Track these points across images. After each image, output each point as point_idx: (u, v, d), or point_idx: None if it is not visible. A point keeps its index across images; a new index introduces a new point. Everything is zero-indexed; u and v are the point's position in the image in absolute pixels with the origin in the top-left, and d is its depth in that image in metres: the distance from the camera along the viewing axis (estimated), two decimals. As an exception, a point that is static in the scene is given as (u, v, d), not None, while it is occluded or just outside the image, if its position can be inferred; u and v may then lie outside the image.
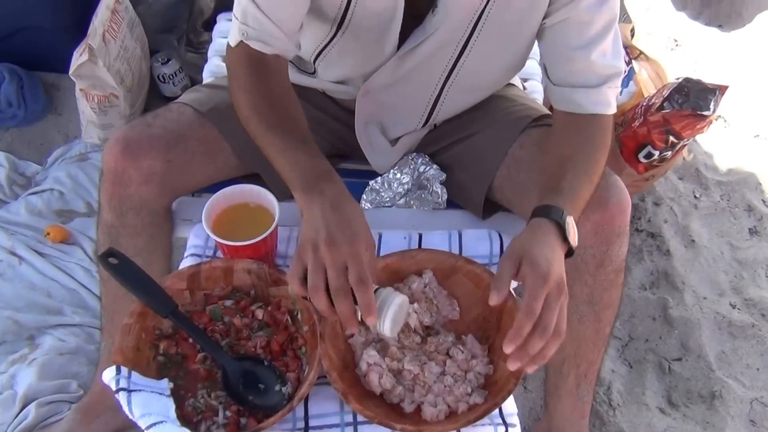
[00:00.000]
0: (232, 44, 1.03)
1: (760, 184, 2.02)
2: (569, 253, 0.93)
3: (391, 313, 0.85)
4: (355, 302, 0.82)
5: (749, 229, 1.92)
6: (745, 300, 1.76)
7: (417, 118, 1.20)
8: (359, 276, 0.81)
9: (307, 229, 0.86)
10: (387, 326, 0.86)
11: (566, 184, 0.99)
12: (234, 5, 1.04)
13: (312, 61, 1.20)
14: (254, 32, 1.00)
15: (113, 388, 0.87)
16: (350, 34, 1.08)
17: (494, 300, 0.87)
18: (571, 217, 0.94)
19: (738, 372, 1.63)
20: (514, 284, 0.91)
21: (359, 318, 0.82)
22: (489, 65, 1.13)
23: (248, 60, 1.02)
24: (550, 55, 1.08)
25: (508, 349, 0.83)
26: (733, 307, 1.74)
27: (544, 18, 1.05)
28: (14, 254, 1.67)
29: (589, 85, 1.05)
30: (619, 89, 1.10)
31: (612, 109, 1.08)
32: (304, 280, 0.84)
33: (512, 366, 0.83)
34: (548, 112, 1.23)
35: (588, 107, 1.06)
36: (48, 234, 1.70)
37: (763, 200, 1.98)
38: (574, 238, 0.93)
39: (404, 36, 1.06)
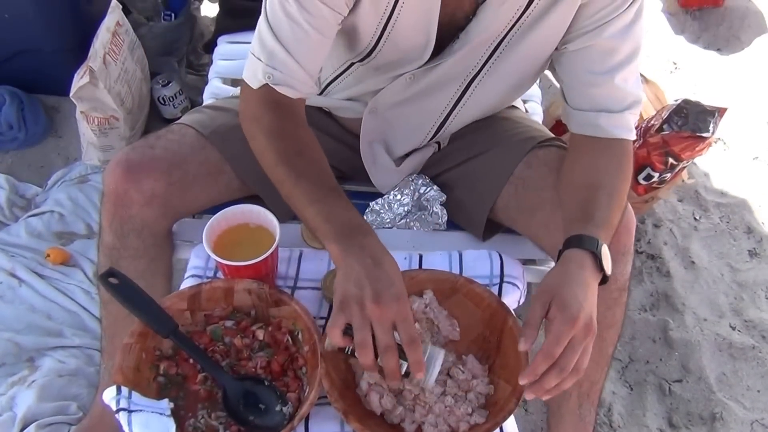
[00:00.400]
0: (254, 86, 0.99)
1: (760, 206, 2.02)
2: (603, 280, 0.94)
3: (437, 370, 0.87)
4: (401, 357, 0.83)
5: (749, 251, 1.92)
6: (745, 322, 1.76)
7: (423, 136, 1.21)
8: (411, 336, 0.83)
9: (348, 284, 0.85)
10: (431, 381, 0.87)
11: (598, 212, 0.98)
12: (253, 44, 1.00)
13: (326, 84, 1.21)
14: (281, 76, 0.97)
15: (114, 408, 0.87)
16: (373, 64, 1.09)
17: (522, 347, 0.87)
18: (605, 246, 0.93)
19: (738, 394, 1.62)
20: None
21: (403, 372, 0.84)
22: (500, 89, 1.14)
23: (273, 104, 0.99)
24: (572, 79, 1.07)
25: (522, 381, 0.84)
26: (734, 328, 1.74)
27: (565, 44, 1.04)
28: (14, 276, 1.67)
29: (612, 110, 1.05)
30: (636, 117, 1.09)
31: (633, 135, 1.08)
32: (344, 332, 0.84)
33: (528, 395, 0.85)
34: (551, 134, 1.24)
35: (611, 131, 1.06)
36: (48, 256, 1.70)
37: (762, 222, 1.99)
38: (608, 266, 0.93)
39: None
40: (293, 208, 0.96)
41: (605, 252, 0.93)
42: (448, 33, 1.02)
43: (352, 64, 1.13)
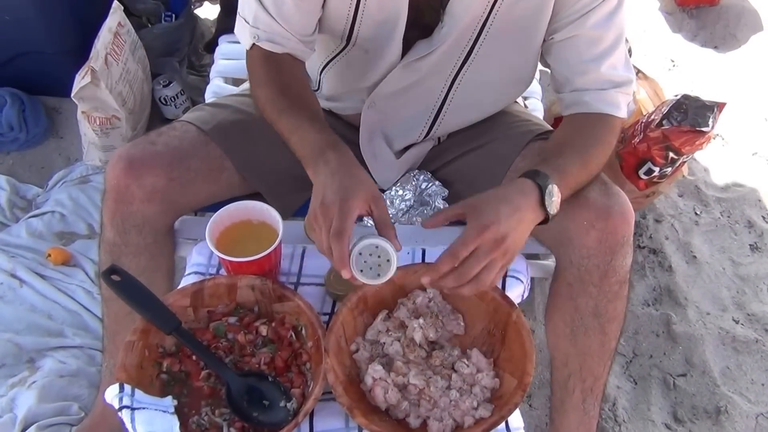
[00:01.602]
0: (247, 47, 1.10)
1: (760, 200, 2.03)
2: (545, 220, 0.96)
3: (354, 261, 0.87)
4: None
5: (750, 245, 1.92)
6: (748, 315, 1.75)
7: (421, 126, 1.21)
8: (335, 230, 0.85)
9: (312, 199, 0.91)
10: (357, 274, 0.87)
11: (560, 159, 1.01)
12: (240, 9, 1.09)
13: (318, 72, 1.21)
14: (265, 34, 1.06)
15: (116, 406, 0.86)
16: (359, 46, 1.11)
17: (426, 225, 0.94)
18: (556, 187, 0.95)
19: (743, 387, 1.62)
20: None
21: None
22: (492, 74, 1.14)
23: (263, 59, 1.08)
24: (561, 69, 1.10)
25: (424, 280, 0.89)
26: (737, 322, 1.74)
27: (551, 34, 1.07)
28: (15, 277, 1.66)
29: (600, 89, 1.08)
30: (631, 98, 1.11)
31: (621, 113, 1.10)
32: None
33: (423, 280, 0.89)
34: (550, 127, 1.24)
35: (597, 106, 1.08)
36: (49, 256, 1.70)
37: (763, 216, 1.99)
38: (555, 206, 0.95)
39: (409, 44, 1.08)
40: (285, 142, 1.02)
41: (555, 191, 0.95)
42: (430, 16, 1.04)
43: (342, 50, 1.15)
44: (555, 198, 0.95)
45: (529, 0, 1.03)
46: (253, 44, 1.07)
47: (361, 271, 0.88)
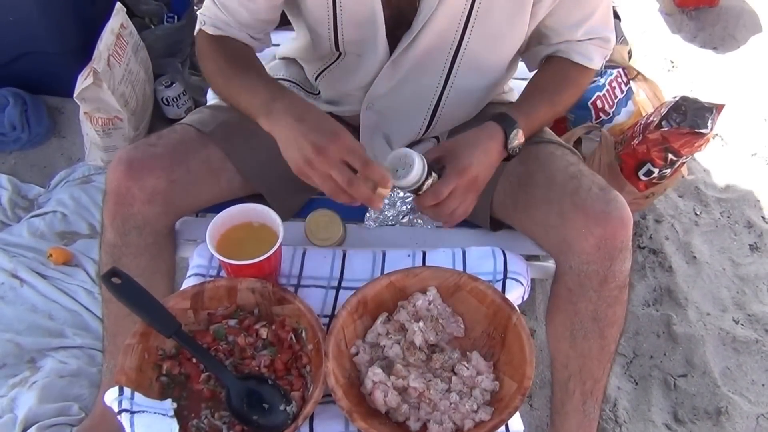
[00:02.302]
0: (195, 33, 1.16)
1: (759, 201, 2.03)
2: (507, 158, 1.08)
3: (417, 167, 0.95)
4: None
5: (750, 245, 1.92)
6: (748, 316, 1.76)
7: (419, 123, 1.22)
8: (363, 160, 0.91)
9: (290, 152, 0.94)
10: (410, 179, 0.96)
11: (529, 104, 1.13)
12: None
13: (314, 78, 1.22)
14: (210, 20, 1.11)
15: (116, 409, 0.87)
16: (349, 51, 1.13)
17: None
18: (521, 131, 1.07)
19: (743, 388, 1.62)
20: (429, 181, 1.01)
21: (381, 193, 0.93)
22: (485, 62, 1.16)
23: (209, 38, 1.12)
24: (539, 29, 1.15)
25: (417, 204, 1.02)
26: (737, 322, 1.74)
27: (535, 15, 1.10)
28: (16, 277, 1.67)
29: (571, 40, 1.15)
30: (607, 52, 1.18)
31: (593, 64, 1.17)
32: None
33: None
34: (548, 130, 1.24)
35: (569, 54, 1.16)
36: (50, 256, 1.70)
37: (762, 217, 1.99)
38: (516, 147, 1.07)
39: (398, 42, 1.10)
40: (240, 110, 1.06)
41: (519, 135, 1.07)
42: (409, 10, 1.06)
43: (337, 59, 1.17)
44: (517, 141, 1.07)
45: None
46: (200, 29, 1.13)
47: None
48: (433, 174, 1.00)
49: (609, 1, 1.14)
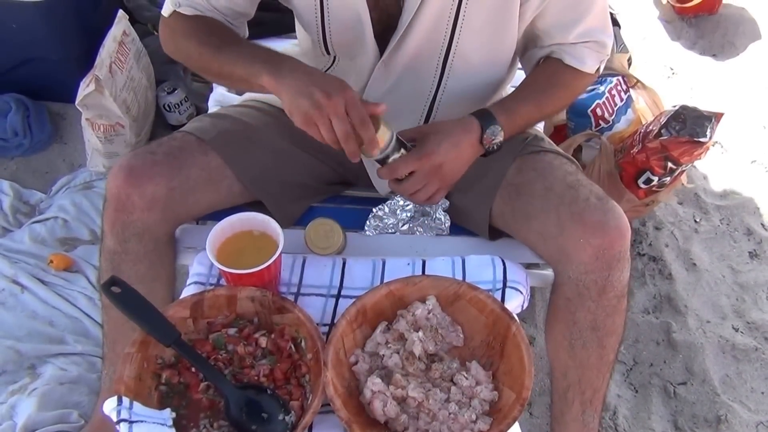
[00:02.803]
0: (166, 15, 1.14)
1: (758, 208, 2.03)
2: (486, 153, 1.09)
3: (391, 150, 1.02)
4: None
5: (749, 252, 1.92)
6: (748, 323, 1.76)
7: (415, 123, 1.22)
8: (361, 117, 0.94)
9: (298, 99, 0.94)
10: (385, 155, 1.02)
11: (511, 101, 1.13)
12: None
13: None
14: (185, 1, 1.10)
15: (114, 419, 0.87)
16: (341, 54, 1.14)
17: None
18: (500, 128, 1.07)
19: (743, 396, 1.62)
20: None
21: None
22: (477, 63, 1.16)
23: (183, 18, 1.12)
24: (531, 29, 1.14)
25: (380, 174, 1.03)
26: (736, 330, 1.74)
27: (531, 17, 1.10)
28: (17, 283, 1.67)
29: (564, 42, 1.14)
30: (602, 55, 1.16)
31: (586, 68, 1.15)
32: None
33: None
34: (546, 138, 1.25)
35: (561, 56, 1.15)
36: (51, 262, 1.71)
37: (762, 224, 1.99)
38: (491, 143, 1.08)
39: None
40: (229, 81, 1.12)
41: (496, 132, 1.07)
42: (393, 9, 1.07)
43: (333, 63, 1.18)
44: (495, 137, 1.07)
45: None
46: (173, 11, 1.12)
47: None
48: (402, 150, 1.03)
49: (604, 4, 1.12)
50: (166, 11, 1.15)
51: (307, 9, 1.09)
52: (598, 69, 1.18)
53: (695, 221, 2.00)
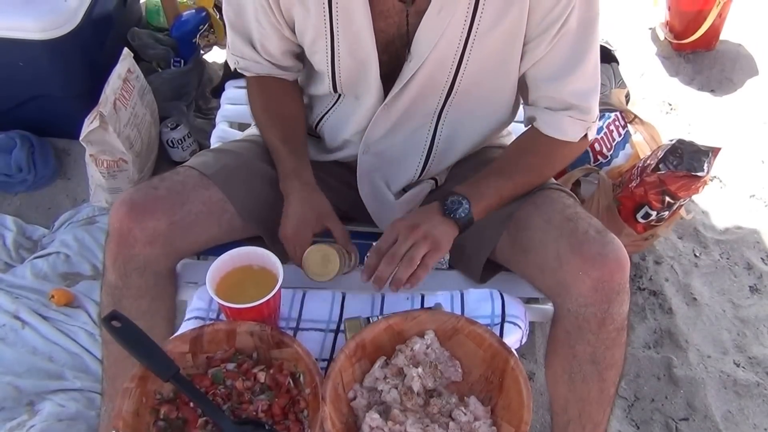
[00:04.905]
0: (232, 68, 1.28)
1: (758, 242, 2.03)
2: (460, 227, 1.09)
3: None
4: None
5: (750, 286, 1.92)
6: (749, 358, 1.75)
7: (415, 166, 1.24)
8: (294, 258, 1.12)
9: (282, 219, 1.14)
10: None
11: (479, 175, 1.14)
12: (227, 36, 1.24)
13: (315, 125, 1.25)
14: (243, 62, 1.23)
15: (113, 454, 0.87)
16: (347, 92, 1.17)
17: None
18: (464, 198, 1.09)
19: (746, 432, 1.61)
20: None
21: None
22: (476, 110, 1.18)
23: (250, 80, 1.27)
24: (525, 81, 1.16)
25: (362, 278, 1.04)
26: (738, 365, 1.73)
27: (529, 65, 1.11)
28: (18, 318, 1.67)
29: (550, 108, 1.14)
30: (586, 123, 1.15)
31: (566, 137, 1.15)
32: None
33: (375, 287, 1.03)
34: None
35: (541, 126, 1.16)
36: (52, 297, 1.71)
37: (762, 258, 1.99)
38: (461, 212, 1.08)
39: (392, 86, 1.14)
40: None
41: (456, 201, 1.09)
42: (400, 55, 1.10)
43: (336, 101, 1.22)
44: (460, 209, 1.08)
45: (501, 33, 1.06)
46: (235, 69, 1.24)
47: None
48: (352, 255, 1.13)
49: (597, 65, 1.11)
50: (231, 67, 1.27)
51: (318, 47, 1.12)
52: (585, 137, 1.16)
53: (695, 255, 2.00)
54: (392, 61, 1.11)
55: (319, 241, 1.12)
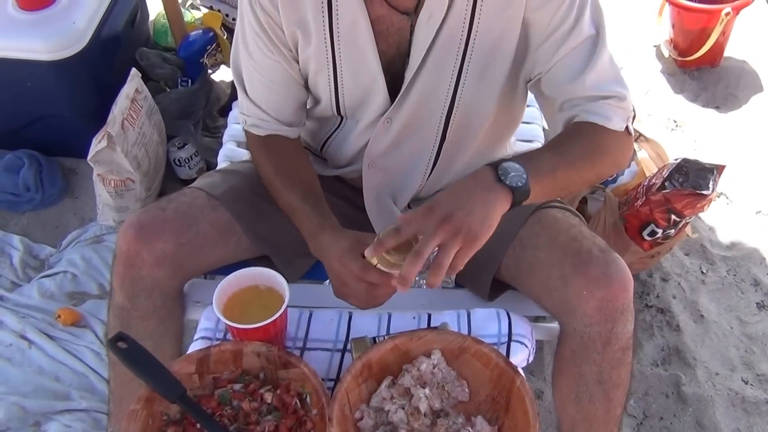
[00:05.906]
0: (241, 129, 1.24)
1: (765, 258, 2.03)
2: (515, 197, 0.92)
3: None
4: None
5: (757, 303, 1.91)
6: (757, 375, 1.74)
7: (420, 178, 1.24)
8: (372, 298, 1.02)
9: (330, 276, 1.07)
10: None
11: (533, 153, 1.02)
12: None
13: (320, 147, 1.26)
14: (250, 119, 1.19)
15: (120, 476, 0.86)
16: (351, 117, 1.17)
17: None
18: (517, 164, 0.93)
19: (756, 452, 1.59)
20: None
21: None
22: (480, 119, 1.17)
23: (256, 140, 1.21)
24: (550, 93, 1.09)
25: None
26: (746, 382, 1.72)
27: (536, 73, 1.08)
28: (24, 338, 1.67)
29: (586, 100, 1.05)
30: (627, 113, 1.07)
31: (612, 124, 1.05)
32: None
33: (399, 288, 0.91)
34: None
35: (583, 116, 1.05)
36: (59, 317, 1.71)
37: (769, 274, 1.99)
38: (517, 179, 0.92)
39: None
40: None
41: (514, 167, 0.92)
42: (403, 72, 1.10)
43: (339, 124, 1.22)
44: (515, 173, 0.92)
45: (500, 39, 1.06)
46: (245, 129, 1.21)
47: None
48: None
49: (609, 56, 1.07)
50: (241, 126, 1.24)
51: (320, 77, 1.12)
52: (627, 129, 1.08)
53: (702, 272, 1.99)
54: (393, 80, 1.12)
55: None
